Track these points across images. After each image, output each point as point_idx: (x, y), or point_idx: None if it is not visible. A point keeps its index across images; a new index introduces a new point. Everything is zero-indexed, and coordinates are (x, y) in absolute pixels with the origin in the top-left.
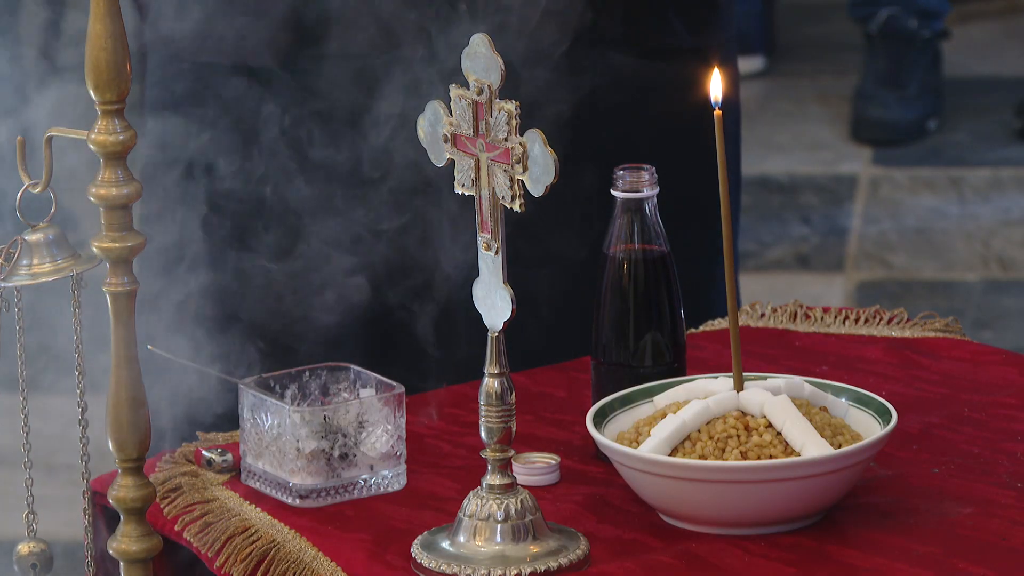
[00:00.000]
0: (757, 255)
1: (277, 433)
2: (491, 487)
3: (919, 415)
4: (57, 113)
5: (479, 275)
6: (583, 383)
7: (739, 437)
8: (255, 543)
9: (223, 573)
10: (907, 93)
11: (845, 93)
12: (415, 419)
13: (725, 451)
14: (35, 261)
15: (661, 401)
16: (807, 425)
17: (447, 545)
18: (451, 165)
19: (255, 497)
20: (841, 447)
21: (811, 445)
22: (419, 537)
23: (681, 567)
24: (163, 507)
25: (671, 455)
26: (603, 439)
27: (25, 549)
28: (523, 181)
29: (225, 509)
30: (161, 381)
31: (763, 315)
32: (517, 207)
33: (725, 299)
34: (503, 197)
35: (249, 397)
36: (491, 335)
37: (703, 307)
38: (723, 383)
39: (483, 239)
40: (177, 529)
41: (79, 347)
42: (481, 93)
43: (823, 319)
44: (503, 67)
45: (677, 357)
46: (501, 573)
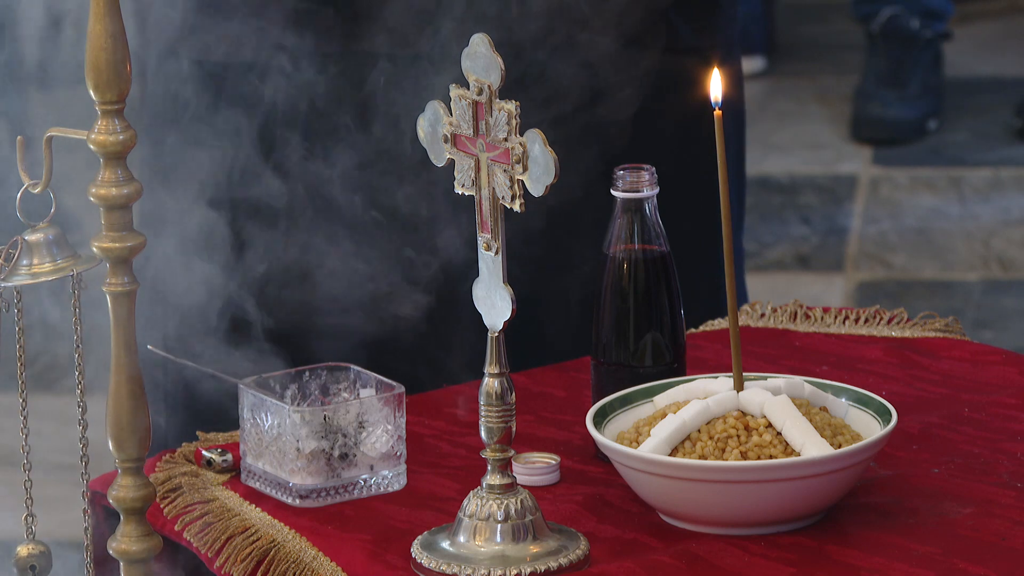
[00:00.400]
0: (757, 255)
1: (277, 433)
2: (491, 487)
3: (919, 415)
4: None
5: (479, 275)
6: (583, 383)
7: (739, 437)
8: (255, 543)
9: (223, 573)
10: (908, 93)
11: (845, 93)
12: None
13: (725, 451)
14: (35, 261)
15: (661, 401)
16: (807, 425)
17: (447, 545)
18: (451, 165)
19: (255, 497)
20: (841, 447)
21: (811, 445)
22: (419, 537)
23: (681, 567)
24: (163, 507)
25: (671, 455)
26: (603, 439)
27: (24, 551)
28: (523, 181)
29: (225, 509)
30: (161, 381)
31: (763, 315)
32: (517, 207)
33: (725, 299)
34: (503, 197)
35: (249, 397)
36: (491, 335)
37: (703, 307)
38: (723, 383)
39: (483, 239)
40: (177, 529)
41: (79, 347)
42: (481, 93)
43: (823, 319)
44: (503, 67)
45: (677, 357)
46: (501, 573)
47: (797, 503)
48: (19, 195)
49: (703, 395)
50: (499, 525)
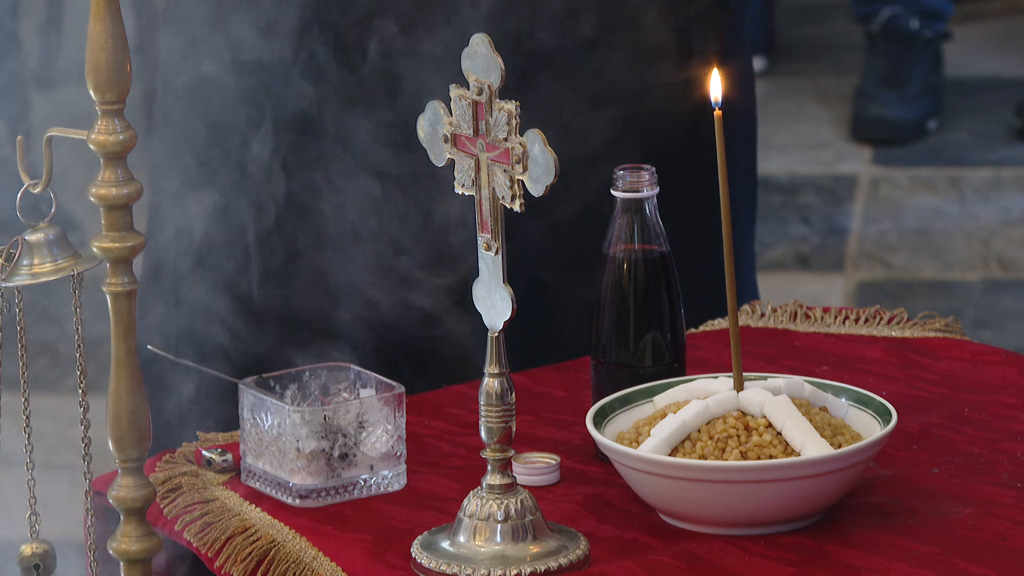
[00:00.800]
0: (757, 255)
1: (277, 433)
2: (491, 487)
3: (919, 415)
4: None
5: (479, 275)
6: (583, 383)
7: (739, 437)
8: (255, 543)
9: (223, 573)
10: (908, 92)
11: (845, 93)
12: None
13: (725, 451)
14: (36, 261)
15: (661, 401)
16: (807, 425)
17: (447, 545)
18: (451, 165)
19: (255, 497)
20: (841, 447)
21: (811, 445)
22: (419, 537)
23: (681, 567)
24: (163, 507)
25: (671, 455)
26: (603, 439)
27: (28, 550)
28: (523, 181)
29: (225, 509)
30: (161, 380)
31: (763, 315)
32: (517, 207)
33: (725, 299)
34: (503, 197)
35: (249, 397)
36: (491, 335)
37: (703, 307)
38: (723, 383)
39: (483, 239)
40: (177, 529)
41: (80, 347)
42: (481, 93)
43: (823, 319)
44: (503, 67)
45: (677, 357)
46: (501, 573)
47: (797, 503)
48: (19, 195)
49: (703, 395)
50: (499, 525)
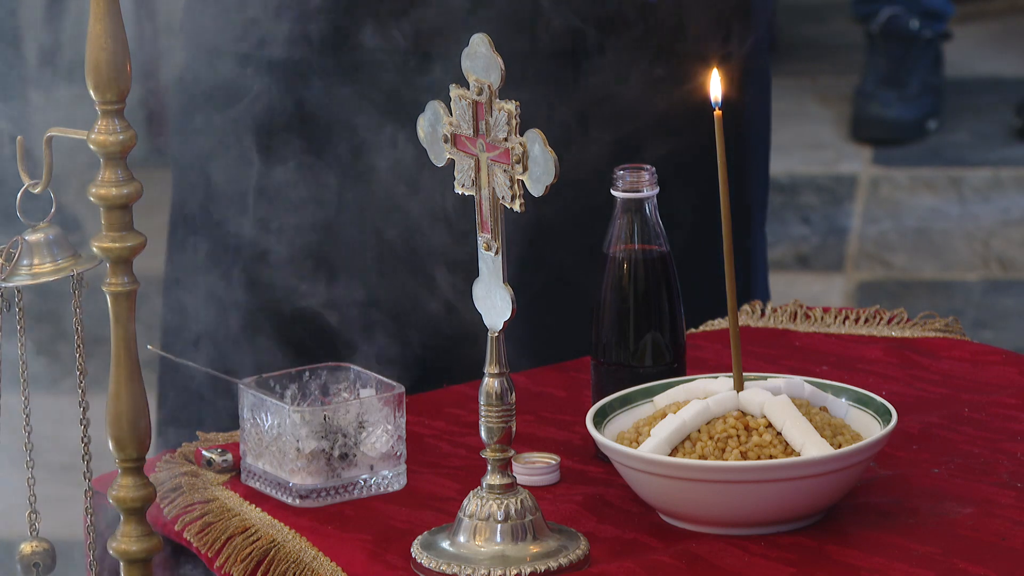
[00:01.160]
0: None
1: (277, 433)
2: (491, 487)
3: (919, 415)
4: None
5: (479, 275)
6: (583, 383)
7: (739, 437)
8: (255, 543)
9: (223, 573)
10: (907, 92)
11: (845, 93)
12: (415, 418)
13: (725, 451)
14: (35, 261)
15: (661, 401)
16: (807, 425)
17: (447, 545)
18: (451, 165)
19: (255, 497)
20: (841, 447)
21: (811, 445)
22: (419, 537)
23: (681, 567)
24: (163, 507)
25: (671, 455)
26: (603, 439)
27: (28, 548)
28: (523, 181)
29: (225, 509)
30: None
31: (763, 315)
32: (517, 207)
33: (725, 299)
34: (503, 197)
35: (249, 397)
36: (491, 335)
37: (703, 307)
38: (723, 383)
39: (483, 239)
40: (177, 529)
41: (80, 347)
42: (481, 93)
43: (823, 319)
44: (503, 67)
45: (677, 357)
46: (501, 573)
47: (797, 503)
48: (19, 195)
49: (703, 395)
50: (499, 525)
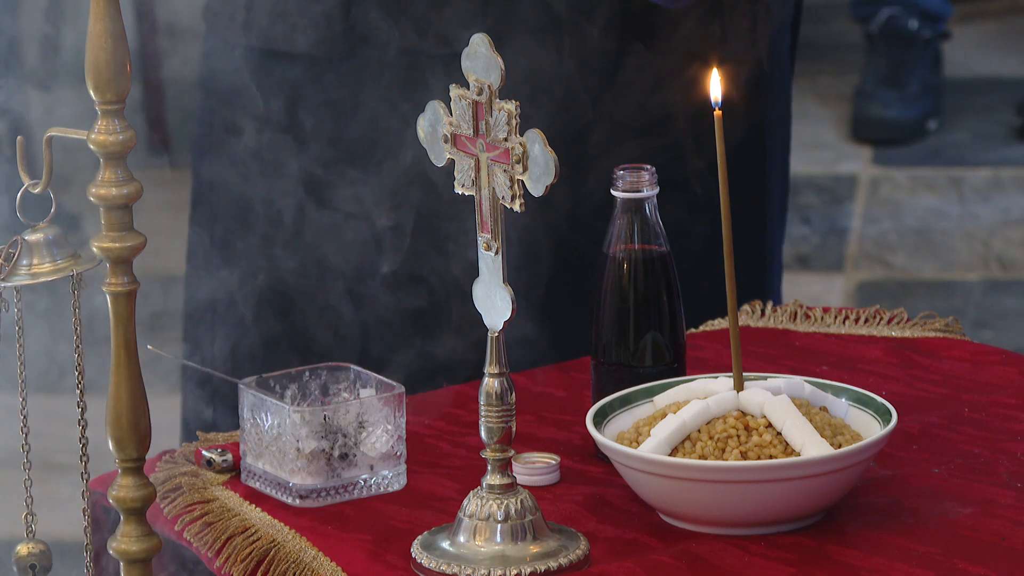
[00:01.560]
0: None
1: (277, 433)
2: (491, 487)
3: (919, 415)
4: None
5: (479, 275)
6: (583, 383)
7: (739, 437)
8: (255, 543)
9: (223, 573)
10: (907, 92)
11: (845, 93)
12: (415, 419)
13: (725, 451)
14: (35, 261)
15: (661, 401)
16: (807, 425)
17: (447, 545)
18: (451, 165)
19: (255, 497)
20: (841, 447)
21: (811, 445)
22: (419, 537)
23: (681, 567)
24: (163, 507)
25: (671, 455)
26: (603, 439)
27: (24, 550)
28: (523, 181)
29: (225, 509)
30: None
31: (763, 315)
32: (517, 207)
33: (725, 299)
34: (503, 197)
35: (249, 397)
36: (491, 335)
37: (703, 307)
38: (723, 383)
39: (483, 239)
40: (177, 529)
41: (79, 347)
42: (481, 93)
43: (823, 319)
44: (503, 67)
45: (677, 357)
46: (501, 573)
47: (797, 503)
48: (19, 195)
49: (703, 395)
50: (499, 525)
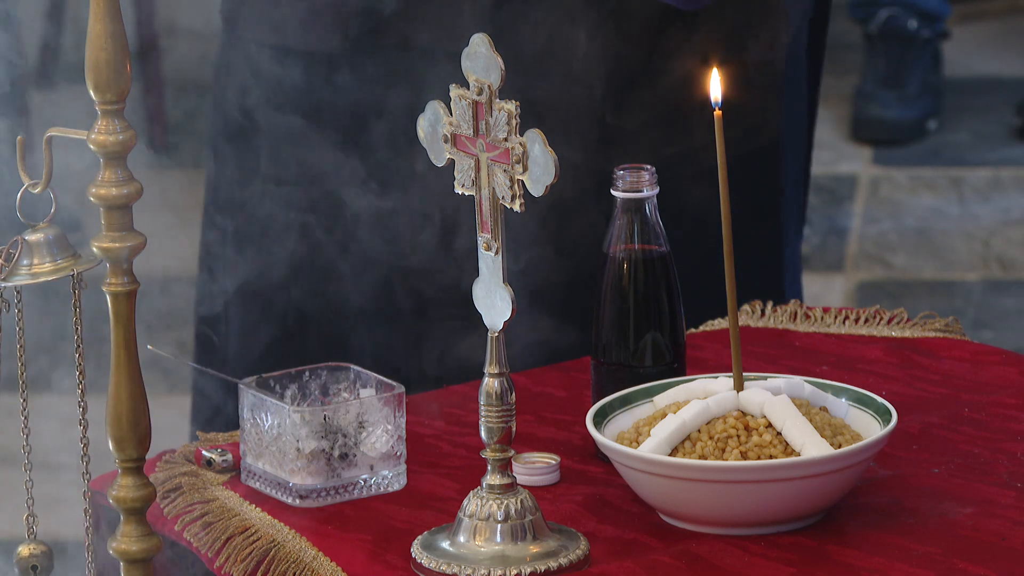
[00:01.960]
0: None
1: (277, 433)
2: (491, 487)
3: (919, 415)
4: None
5: (479, 275)
6: (583, 383)
7: (739, 437)
8: (255, 543)
9: (223, 573)
10: (907, 93)
11: (845, 93)
12: (416, 419)
13: (725, 451)
14: (35, 261)
15: (661, 401)
16: (807, 425)
17: (447, 545)
18: (451, 165)
19: (255, 497)
20: (841, 447)
21: (811, 445)
22: (419, 537)
23: (681, 567)
24: (163, 507)
25: (671, 455)
26: (603, 439)
27: (26, 551)
28: (523, 181)
29: (225, 509)
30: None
31: (763, 315)
32: (517, 207)
33: (725, 299)
34: (503, 197)
35: (249, 397)
36: (491, 335)
37: (703, 307)
38: (723, 383)
39: (483, 239)
40: (177, 529)
41: (79, 347)
42: (481, 93)
43: (823, 319)
44: (503, 67)
45: (677, 357)
46: (501, 573)
47: (797, 503)
48: (19, 195)
49: (703, 395)
50: (499, 525)
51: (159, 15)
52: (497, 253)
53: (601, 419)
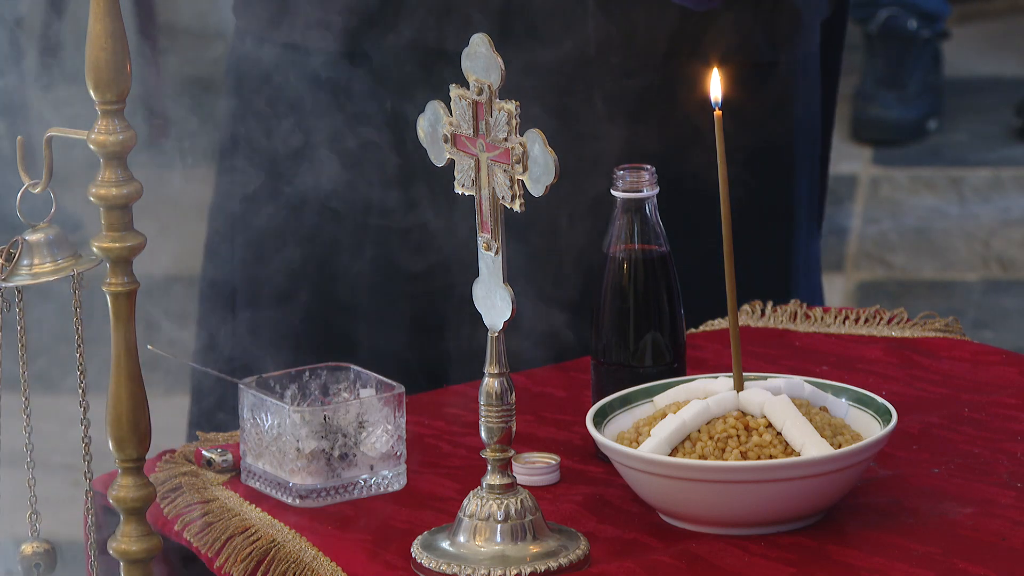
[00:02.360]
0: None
1: (277, 433)
2: (491, 487)
3: (919, 415)
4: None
5: (479, 275)
6: (583, 383)
7: (739, 437)
8: (255, 543)
9: (223, 573)
10: (907, 93)
11: (845, 93)
12: (415, 419)
13: (725, 451)
14: (35, 261)
15: (661, 401)
16: (807, 425)
17: (447, 545)
18: (451, 165)
19: (255, 497)
20: (841, 447)
21: (811, 445)
22: (419, 537)
23: (681, 567)
24: (163, 507)
25: (671, 455)
26: (603, 439)
27: (29, 549)
28: (523, 181)
29: (225, 509)
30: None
31: (763, 315)
32: (517, 207)
33: (725, 299)
34: (503, 197)
35: (249, 397)
36: (491, 335)
37: (703, 307)
38: (723, 383)
39: (483, 239)
40: (177, 529)
41: (80, 347)
42: (481, 93)
43: (823, 319)
44: (503, 67)
45: (677, 357)
46: (501, 573)
47: (797, 503)
48: (19, 195)
49: (703, 395)
50: (499, 525)
51: (160, 15)
52: (497, 253)
53: (601, 419)
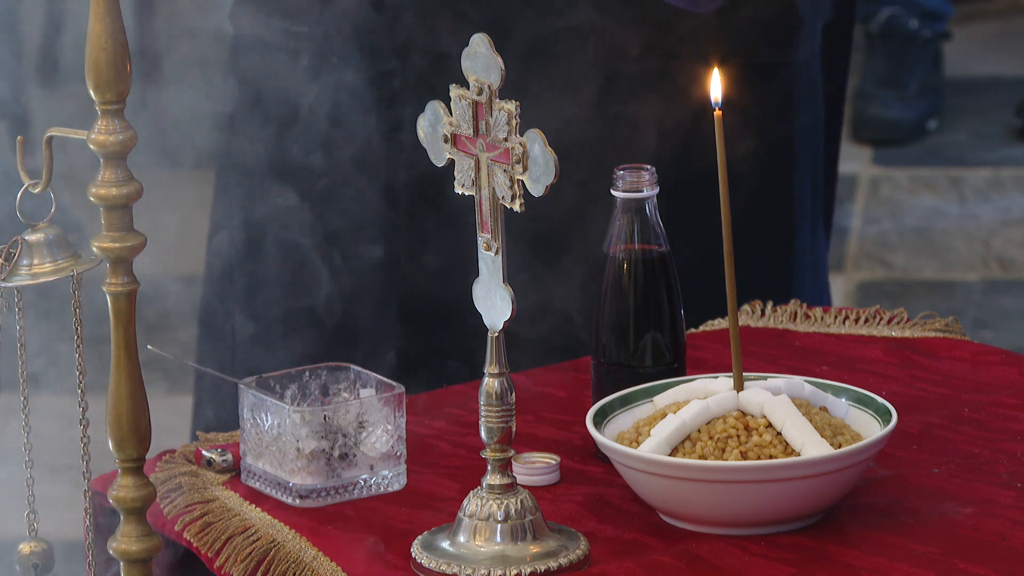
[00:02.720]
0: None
1: (277, 433)
2: (491, 487)
3: (919, 415)
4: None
5: (479, 275)
6: (583, 383)
7: (739, 437)
8: (255, 543)
9: (223, 573)
10: (907, 93)
11: (845, 93)
12: (416, 418)
13: (725, 451)
14: (35, 261)
15: (661, 401)
16: (807, 425)
17: (447, 545)
18: (451, 165)
19: (255, 497)
20: (841, 447)
21: (811, 445)
22: (419, 537)
23: (681, 567)
24: (163, 507)
25: (671, 455)
26: (603, 439)
27: (27, 548)
28: (523, 181)
29: (225, 509)
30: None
31: (763, 315)
32: (517, 207)
33: (725, 299)
34: (503, 197)
35: (249, 397)
36: (491, 335)
37: (703, 307)
38: (723, 383)
39: (483, 239)
40: (177, 529)
41: (80, 347)
42: (481, 93)
43: (823, 319)
44: (503, 67)
45: (677, 357)
46: (501, 573)
47: (797, 503)
48: (19, 195)
49: (703, 395)
50: (499, 525)
51: (160, 15)
52: (497, 253)
53: (601, 419)
